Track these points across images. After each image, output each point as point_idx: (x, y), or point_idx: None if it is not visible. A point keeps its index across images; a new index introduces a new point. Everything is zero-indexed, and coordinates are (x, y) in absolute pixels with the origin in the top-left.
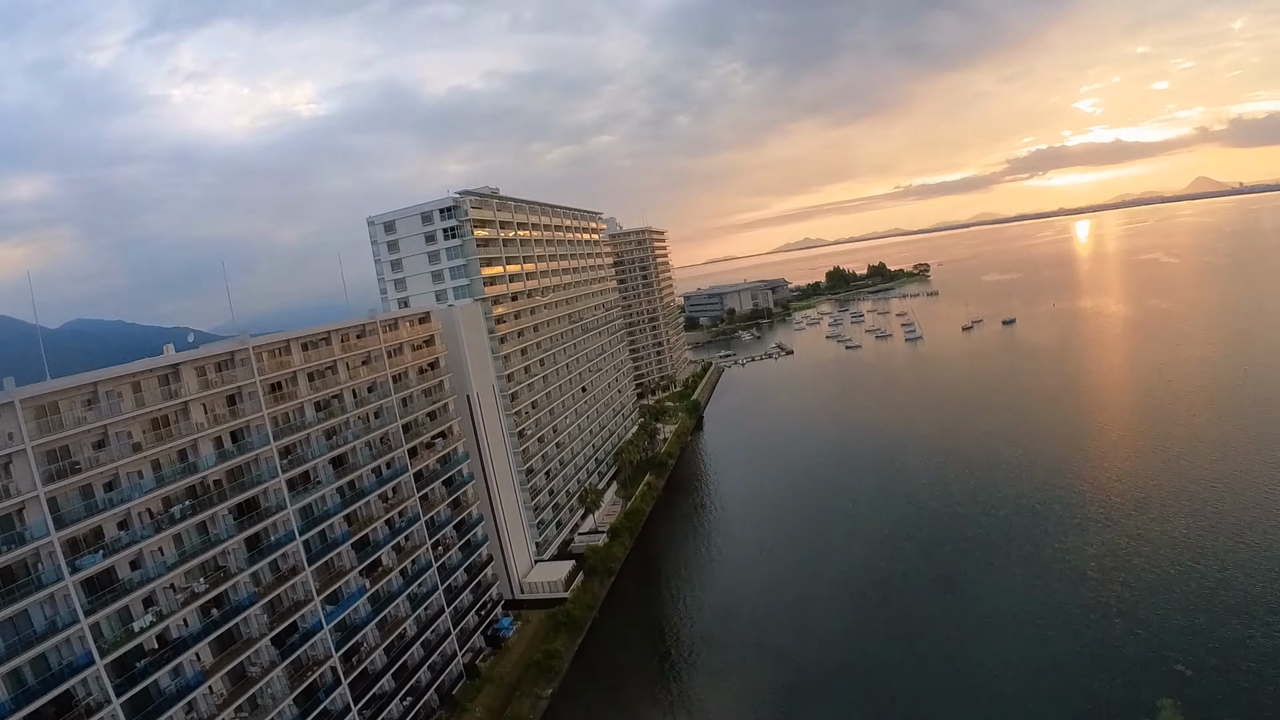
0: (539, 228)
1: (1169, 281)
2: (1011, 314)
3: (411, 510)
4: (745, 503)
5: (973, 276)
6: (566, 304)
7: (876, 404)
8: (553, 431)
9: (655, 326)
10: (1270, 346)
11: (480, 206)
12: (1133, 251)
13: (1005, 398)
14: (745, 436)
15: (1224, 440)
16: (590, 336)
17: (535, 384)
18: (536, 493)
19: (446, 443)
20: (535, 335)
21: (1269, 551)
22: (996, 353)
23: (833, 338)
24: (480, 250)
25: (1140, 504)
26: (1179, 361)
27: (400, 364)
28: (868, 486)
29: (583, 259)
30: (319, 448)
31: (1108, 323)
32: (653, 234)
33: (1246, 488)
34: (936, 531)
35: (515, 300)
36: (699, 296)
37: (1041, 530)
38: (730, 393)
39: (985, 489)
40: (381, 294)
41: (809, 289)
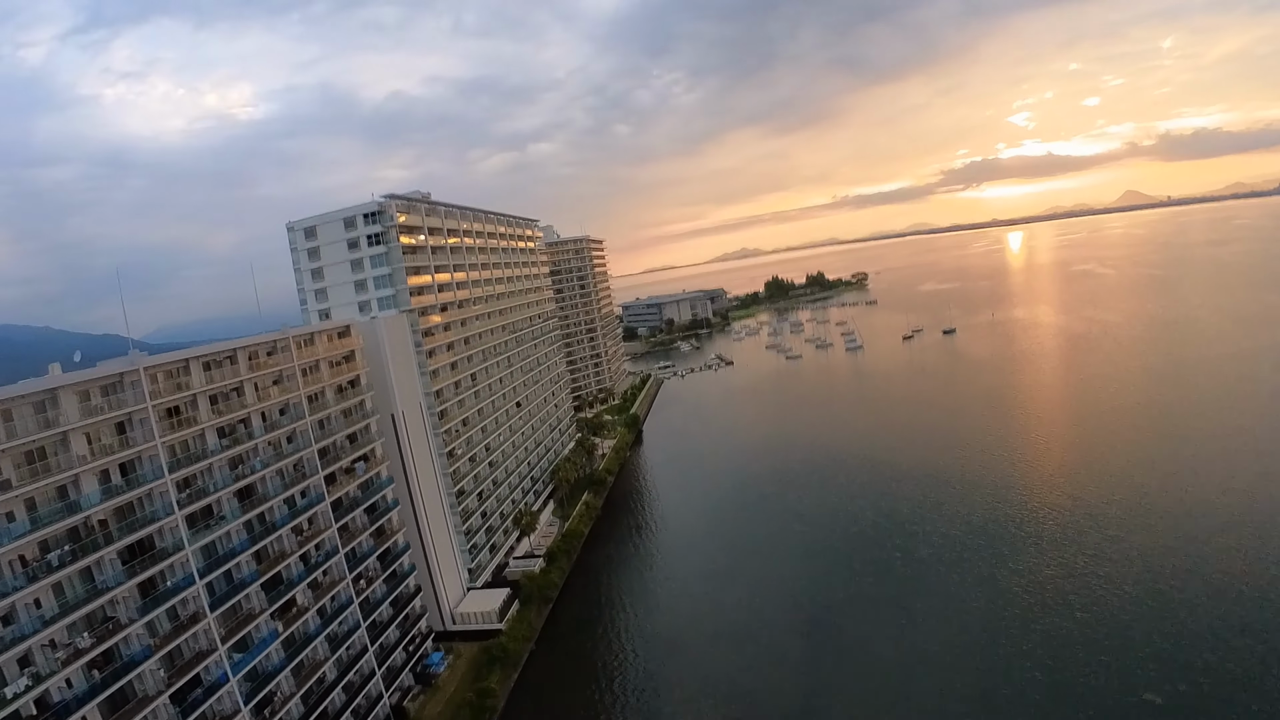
0: (471, 235)
1: (1106, 293)
2: (951, 324)
3: (329, 543)
4: (687, 521)
5: (910, 286)
6: (500, 315)
7: (820, 416)
8: (485, 450)
9: (593, 337)
10: (1212, 359)
11: (407, 212)
12: (1067, 263)
13: (951, 410)
14: (686, 451)
15: (1173, 453)
16: (525, 349)
17: (466, 400)
18: (468, 516)
19: (368, 467)
20: (466, 348)
21: (1230, 568)
22: (939, 363)
23: (773, 348)
24: (407, 258)
25: (1095, 520)
26: (1123, 373)
27: (316, 383)
28: (814, 503)
29: (518, 268)
30: (223, 478)
31: (1049, 334)
32: (591, 243)
33: (1199, 501)
34: (887, 552)
35: (445, 311)
36: (637, 306)
37: (995, 550)
38: (670, 405)
39: (935, 506)
40: (302, 305)
41: (748, 298)
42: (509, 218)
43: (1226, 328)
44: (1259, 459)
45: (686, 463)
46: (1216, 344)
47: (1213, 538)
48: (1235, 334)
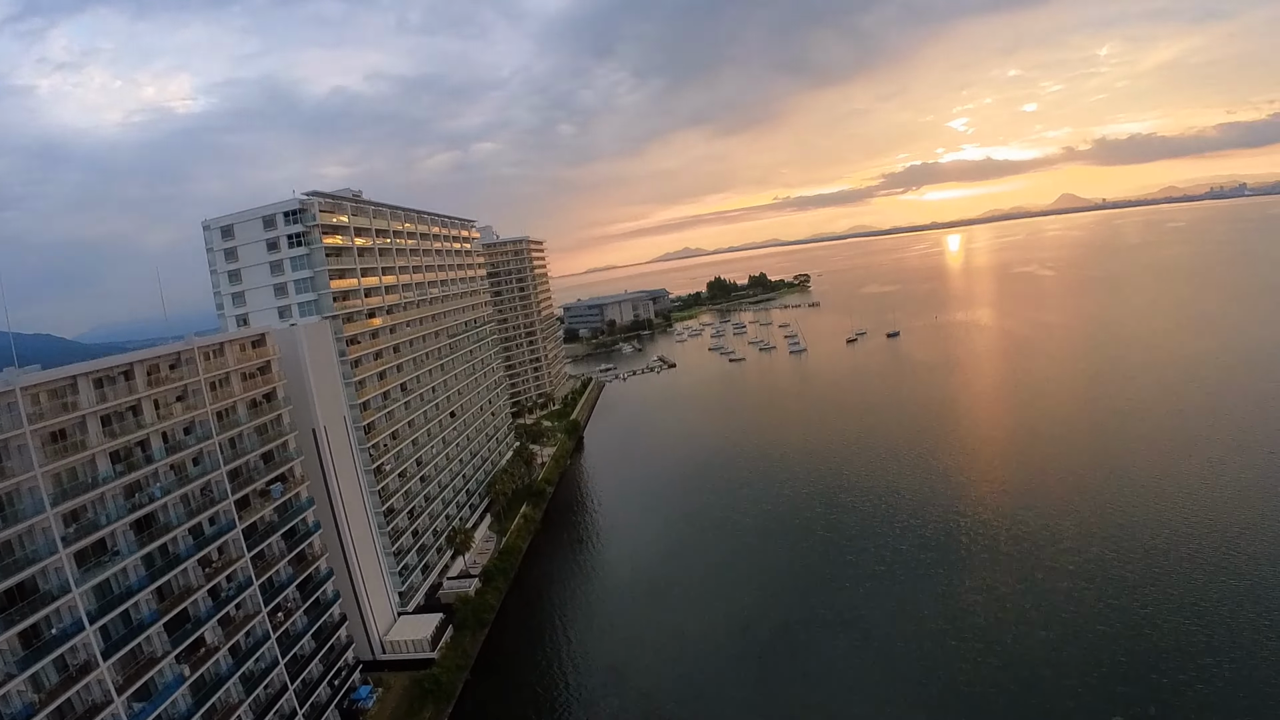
0: (403, 235)
1: (1048, 295)
2: (895, 326)
3: (242, 574)
4: (630, 534)
5: (853, 288)
6: (433, 320)
7: (765, 422)
8: (416, 465)
9: (533, 341)
10: (1158, 363)
11: (332, 210)
12: (1008, 265)
13: (898, 416)
14: (628, 458)
15: (1126, 460)
16: (460, 355)
17: (395, 411)
18: (398, 536)
19: (286, 488)
20: (396, 356)
21: (1191, 580)
22: (884, 367)
23: (716, 350)
24: (331, 260)
25: (1051, 531)
26: (1070, 377)
27: (226, 398)
28: (762, 515)
29: (453, 270)
30: (117, 509)
31: (993, 336)
32: (530, 244)
33: (1156, 511)
34: (839, 568)
35: (373, 317)
36: (579, 307)
37: (950, 564)
38: (612, 410)
39: (887, 518)
40: (218, 311)
41: (690, 299)
42: (444, 218)
43: (1170, 330)
44: (1213, 466)
45: (629, 471)
46: (1161, 347)
47: (1172, 548)
48: (1180, 337)
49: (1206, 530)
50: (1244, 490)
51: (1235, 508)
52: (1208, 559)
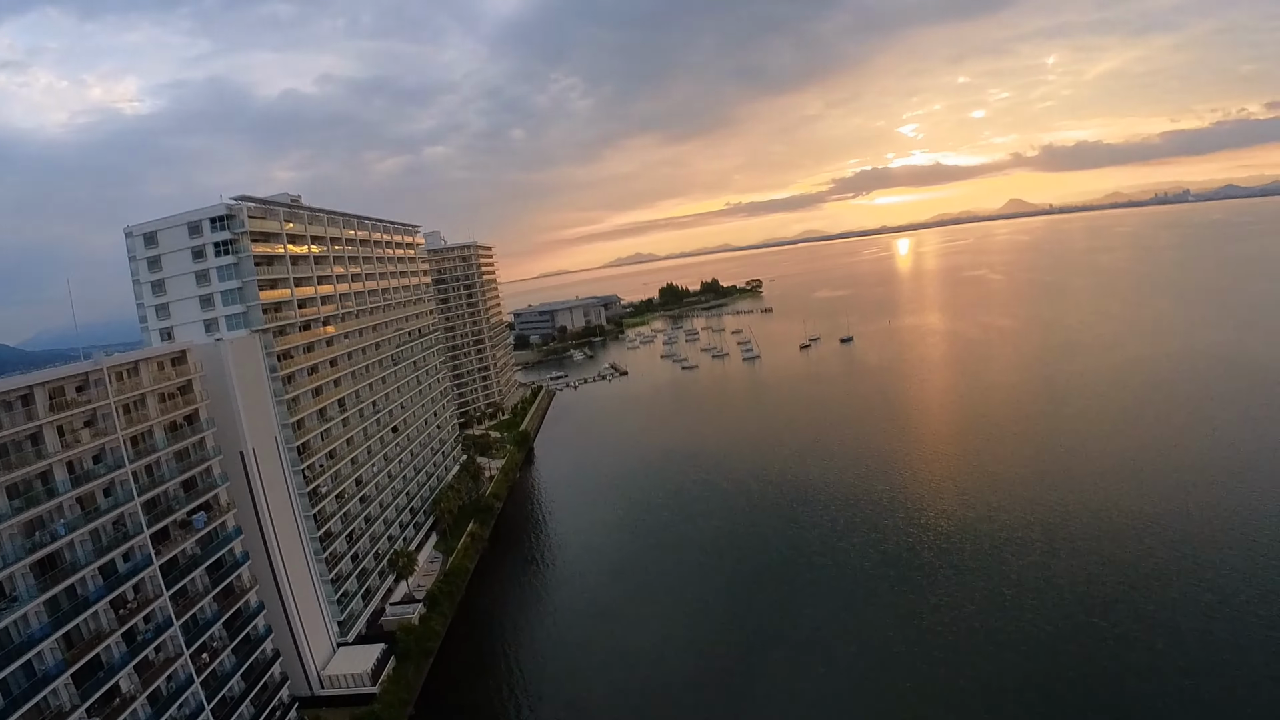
0: (341, 242)
1: (999, 298)
2: (848, 331)
3: (161, 614)
4: (582, 552)
5: (805, 293)
6: (374, 331)
7: (719, 431)
8: (355, 484)
9: (481, 349)
10: (1112, 366)
11: (263, 216)
12: (958, 269)
13: (854, 424)
14: (580, 471)
15: (1086, 467)
16: (404, 367)
17: (332, 429)
18: (336, 561)
19: (210, 518)
20: (333, 370)
21: (1162, 596)
22: (839, 373)
23: (668, 357)
24: (261, 270)
25: (1016, 545)
26: (1025, 382)
27: (141, 422)
28: (717, 531)
29: (396, 278)
30: (14, 549)
31: (947, 341)
32: (479, 249)
33: (1119, 520)
34: (798, 588)
35: (307, 329)
36: (529, 314)
37: (914, 582)
38: (563, 419)
39: (845, 533)
40: (141, 324)
41: (642, 305)
42: (386, 223)
43: (1122, 333)
44: (1172, 471)
45: (580, 484)
46: (1114, 350)
47: (1139, 561)
48: (1131, 340)
49: (1176, 540)
50: (1208, 497)
51: (1201, 515)
52: (1178, 572)
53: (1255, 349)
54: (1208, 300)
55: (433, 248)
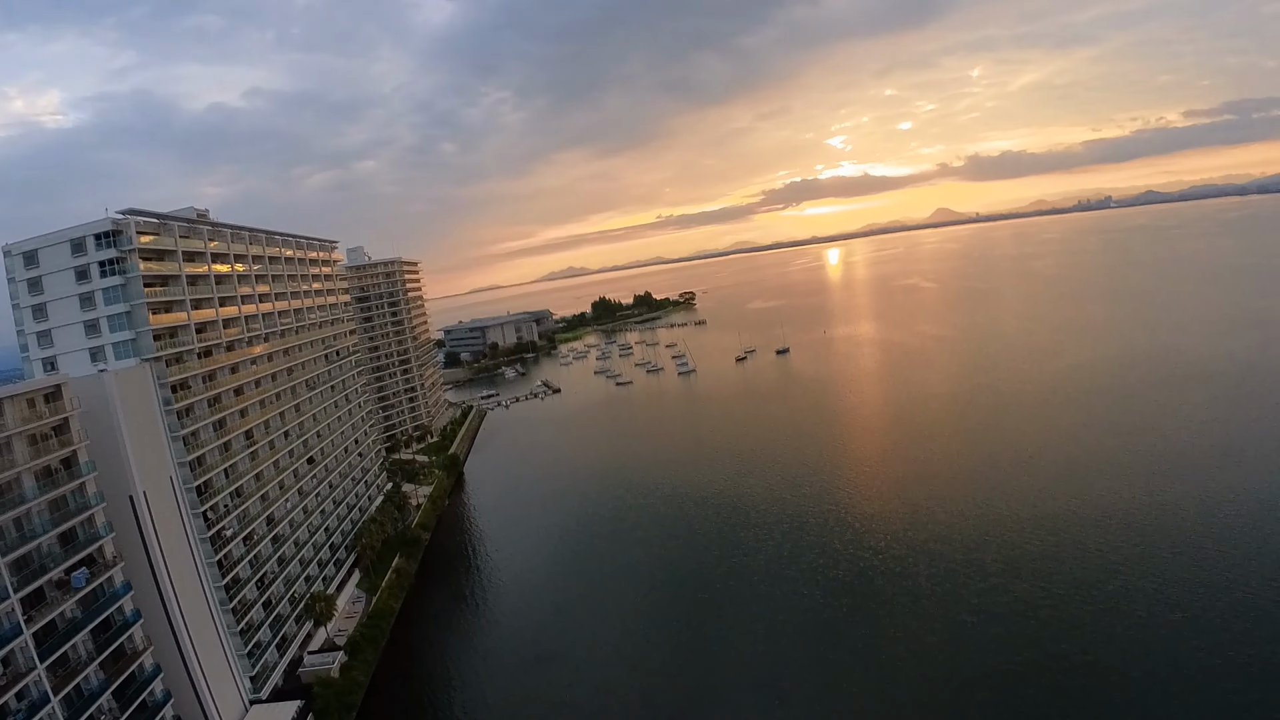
0: (248, 259)
1: (933, 307)
2: (784, 343)
3: (35, 689)
4: (516, 586)
5: (738, 304)
6: (286, 355)
7: (654, 450)
8: (266, 523)
9: (407, 369)
10: (1052, 373)
11: (156, 232)
12: (891, 277)
13: (795, 439)
14: (513, 495)
15: (1036, 479)
16: (320, 392)
17: (239, 464)
18: (246, 610)
19: (94, 574)
20: (238, 400)
21: (1129, 618)
22: (776, 386)
23: (601, 373)
24: (153, 291)
25: (974, 567)
26: (967, 392)
27: (6, 469)
28: (658, 559)
29: (311, 297)
30: None
31: (884, 350)
32: (404, 265)
33: (1077, 535)
34: (744, 622)
35: (208, 356)
36: (460, 330)
37: (868, 614)
38: (494, 440)
39: (792, 560)
40: (22, 354)
41: (574, 319)
42: (300, 239)
43: (1059, 340)
44: (1131, 480)
45: (513, 510)
46: (1055, 357)
47: (1104, 580)
48: (1069, 346)
49: (1138, 555)
50: (1165, 506)
51: (1160, 526)
52: (1142, 590)
53: (1194, 351)
54: (1140, 304)
55: (355, 264)
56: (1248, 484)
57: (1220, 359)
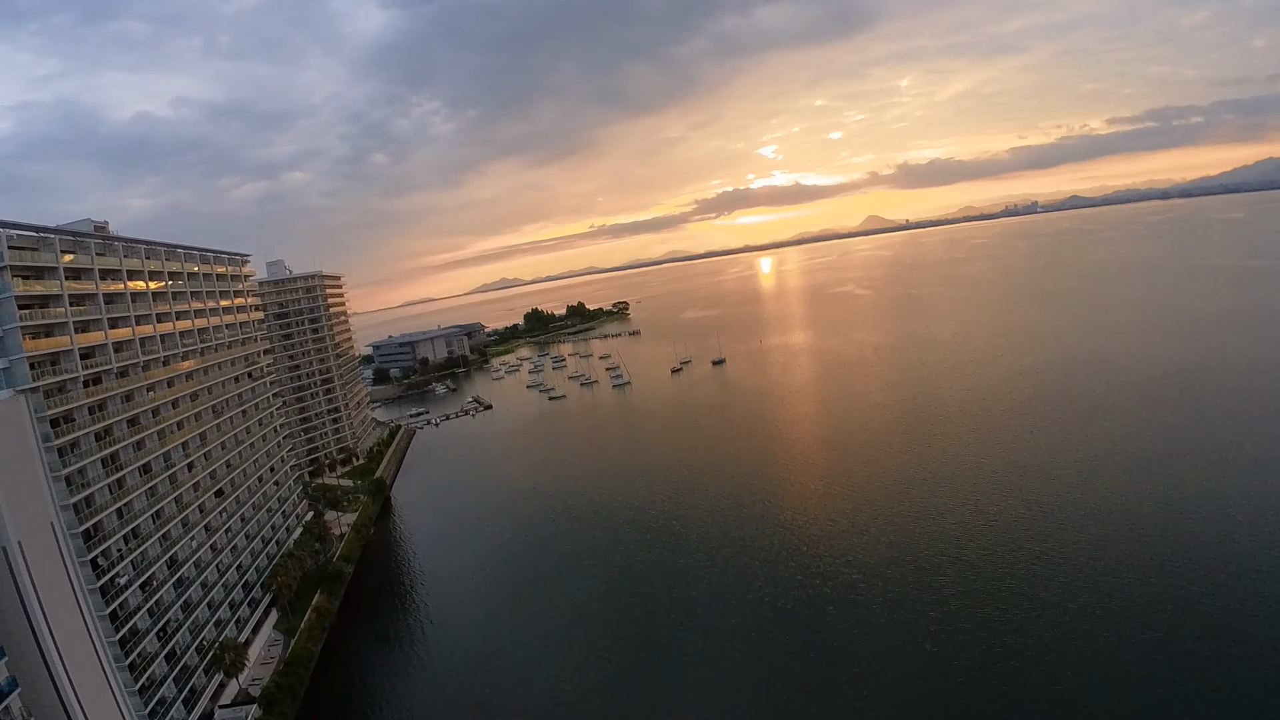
0: (144, 275)
1: (869, 314)
2: (720, 353)
3: None
4: (446, 624)
5: (672, 314)
6: (188, 379)
7: (589, 469)
8: (169, 566)
9: (330, 388)
10: (995, 378)
11: (33, 248)
12: (825, 285)
13: (734, 455)
14: (442, 521)
15: (996, 496)
16: (230, 418)
17: (134, 503)
18: (146, 664)
19: None
20: (132, 431)
21: (1098, 642)
22: (713, 398)
23: (534, 386)
24: (30, 313)
25: (933, 589)
26: (908, 401)
27: None
28: (594, 590)
29: (218, 315)
30: None
31: (821, 359)
32: (325, 279)
33: (1041, 553)
34: (691, 663)
35: (97, 385)
36: (389, 346)
37: (823, 647)
38: (423, 461)
39: (738, 588)
40: None
41: (507, 332)
42: (208, 252)
43: (998, 345)
44: (1091, 493)
45: (442, 537)
46: (994, 363)
47: (1066, 600)
48: (1009, 352)
49: (1101, 572)
50: (1124, 517)
51: (1121, 539)
52: (1107, 610)
53: (1135, 353)
54: (1075, 307)
55: (275, 278)
56: (1204, 485)
57: (1160, 361)
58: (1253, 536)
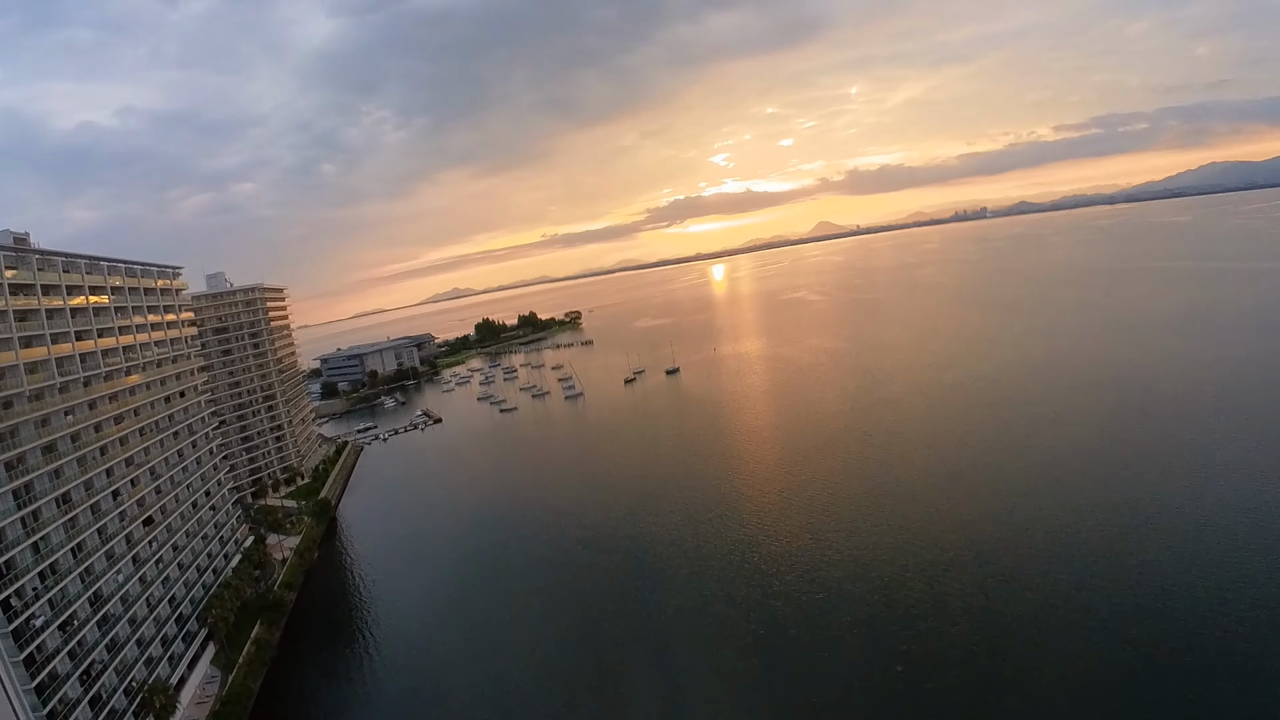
0: (61, 291)
1: (823, 320)
2: (673, 362)
3: None
4: (393, 654)
5: (625, 323)
6: (112, 400)
7: (541, 486)
8: (91, 604)
9: (272, 405)
10: (952, 384)
11: None
12: (778, 291)
13: (690, 468)
14: (389, 543)
15: (961, 505)
16: (160, 441)
17: (52, 536)
18: (68, 712)
19: None
20: (47, 459)
21: (1080, 663)
22: (667, 409)
23: (485, 399)
24: None
25: (903, 608)
26: (866, 408)
27: None
28: (546, 615)
29: (146, 332)
30: None
31: (777, 367)
32: (267, 291)
33: (1013, 566)
34: (649, 697)
35: (8, 409)
36: (337, 359)
37: (786, 672)
38: (371, 479)
39: (695, 612)
40: None
41: (458, 343)
42: (135, 265)
43: (953, 350)
44: (1059, 503)
45: (389, 560)
46: (950, 368)
47: (1039, 615)
48: (966, 357)
49: (1075, 584)
50: (1097, 526)
51: (1093, 549)
52: (1086, 626)
53: (1093, 356)
54: (1029, 311)
55: (214, 291)
56: (1169, 491)
57: (1120, 364)
58: (1243, 551)
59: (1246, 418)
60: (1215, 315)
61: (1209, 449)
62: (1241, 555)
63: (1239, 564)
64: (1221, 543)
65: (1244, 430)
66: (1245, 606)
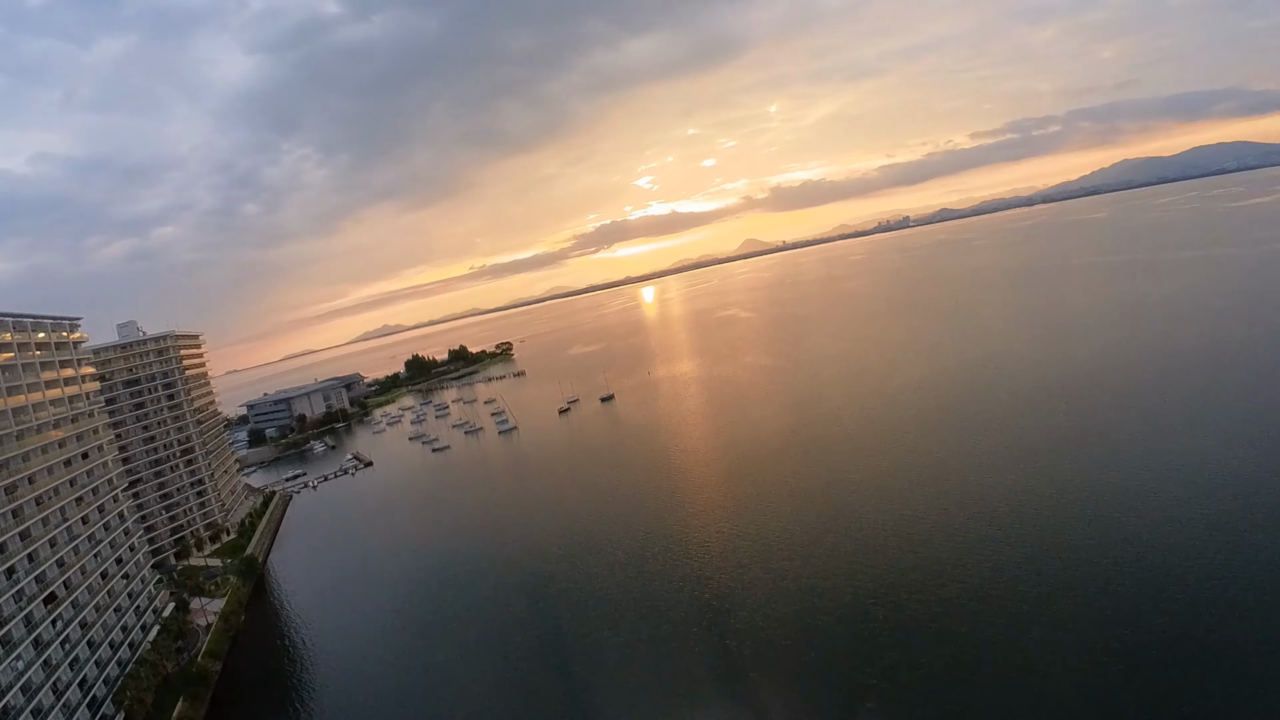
0: None
1: (756, 337)
2: (608, 389)
3: None
4: (333, 716)
5: (557, 351)
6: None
7: (477, 529)
8: None
9: (191, 460)
10: (893, 392)
11: None
12: (709, 311)
13: (630, 499)
14: (320, 598)
15: (921, 520)
16: (59, 510)
17: None
18: None
19: None
20: None
21: (1068, 681)
22: (604, 437)
23: (417, 438)
24: None
25: (868, 644)
26: (809, 424)
27: None
28: (483, 677)
29: (36, 392)
30: None
31: (714, 387)
32: (181, 339)
33: (974, 585)
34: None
35: None
36: (264, 404)
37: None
38: (300, 530)
39: (646, 663)
40: None
41: (388, 381)
42: (23, 318)
43: (890, 358)
44: (1022, 509)
45: (321, 617)
46: (889, 377)
47: (1014, 637)
48: (902, 364)
49: (1042, 596)
50: (1058, 531)
51: (1057, 557)
52: (1063, 642)
53: (1031, 357)
54: (961, 315)
55: (124, 341)
56: (1129, 489)
57: (1057, 361)
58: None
59: (1186, 405)
60: (1145, 306)
61: (1155, 438)
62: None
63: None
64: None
65: (1191, 415)
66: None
